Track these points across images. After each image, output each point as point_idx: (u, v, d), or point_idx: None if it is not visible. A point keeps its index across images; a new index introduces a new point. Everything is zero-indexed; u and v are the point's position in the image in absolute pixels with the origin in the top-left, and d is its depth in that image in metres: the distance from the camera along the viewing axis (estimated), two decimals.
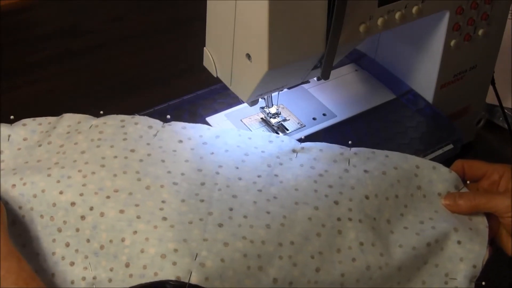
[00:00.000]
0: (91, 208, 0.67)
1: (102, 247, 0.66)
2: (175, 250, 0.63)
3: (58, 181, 0.70)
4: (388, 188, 0.73)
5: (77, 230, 0.68)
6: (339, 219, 0.69)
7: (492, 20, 0.87)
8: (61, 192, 0.69)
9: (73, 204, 0.68)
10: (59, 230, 0.68)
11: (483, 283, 0.69)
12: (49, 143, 0.76)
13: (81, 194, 0.68)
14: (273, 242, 0.66)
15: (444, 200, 0.74)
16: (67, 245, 0.68)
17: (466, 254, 0.71)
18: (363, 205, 0.71)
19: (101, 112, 0.76)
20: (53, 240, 0.68)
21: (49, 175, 0.71)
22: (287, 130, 0.84)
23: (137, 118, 0.76)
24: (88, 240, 0.67)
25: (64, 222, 0.68)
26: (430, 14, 0.80)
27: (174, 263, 0.62)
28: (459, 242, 0.71)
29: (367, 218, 0.71)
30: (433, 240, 0.71)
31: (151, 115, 0.82)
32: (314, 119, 0.87)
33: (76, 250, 0.67)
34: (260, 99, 0.80)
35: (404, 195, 0.74)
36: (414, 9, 0.77)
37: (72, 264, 0.67)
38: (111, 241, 0.65)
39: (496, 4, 0.85)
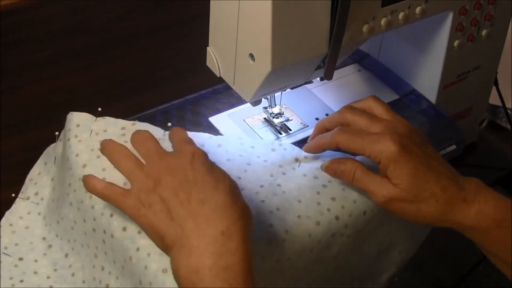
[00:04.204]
0: (104, 232, 0.68)
1: (123, 267, 0.66)
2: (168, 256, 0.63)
3: (78, 209, 0.71)
4: None
5: (106, 253, 0.69)
6: (333, 235, 0.70)
7: (496, 20, 0.87)
8: (84, 220, 0.70)
9: (94, 230, 0.69)
10: (95, 256, 0.70)
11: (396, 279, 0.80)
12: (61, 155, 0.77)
13: (94, 219, 0.69)
14: (273, 258, 0.67)
15: (330, 162, 0.72)
16: (102, 268, 0.69)
17: (399, 259, 0.80)
18: (358, 221, 0.72)
19: (99, 109, 0.76)
20: (93, 266, 0.70)
21: (71, 204, 0.72)
22: (290, 130, 0.84)
23: (138, 125, 0.76)
24: (114, 262, 0.67)
25: (96, 247, 0.70)
26: (434, 14, 0.80)
27: None
28: (399, 252, 0.79)
29: (355, 233, 0.72)
30: (383, 249, 0.77)
31: (154, 115, 0.83)
32: (317, 119, 0.87)
33: (110, 272, 0.68)
34: (263, 99, 0.80)
35: None
36: (418, 10, 0.76)
37: (107, 286, 0.68)
38: (125, 260, 0.66)
39: (499, 4, 0.85)
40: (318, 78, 0.81)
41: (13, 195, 0.81)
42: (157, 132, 0.76)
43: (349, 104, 0.74)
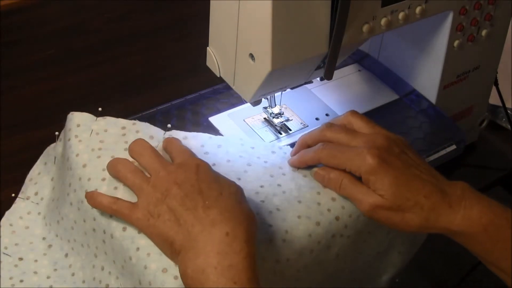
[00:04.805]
0: (104, 232, 0.68)
1: (123, 267, 0.66)
2: (176, 264, 0.63)
3: (79, 209, 0.70)
4: None
5: (106, 253, 0.68)
6: (333, 236, 0.70)
7: (496, 20, 0.87)
8: (84, 220, 0.70)
9: (94, 230, 0.69)
10: (95, 256, 0.70)
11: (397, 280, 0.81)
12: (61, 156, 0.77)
13: (94, 219, 0.69)
14: (272, 258, 0.67)
15: (319, 169, 0.73)
16: (102, 268, 0.69)
17: (399, 260, 0.80)
18: (358, 221, 0.72)
19: (100, 109, 0.76)
20: (93, 266, 0.70)
21: (71, 204, 0.72)
22: (290, 130, 0.84)
23: (138, 125, 0.76)
24: (114, 262, 0.67)
25: (96, 247, 0.70)
26: (434, 14, 0.80)
27: (176, 277, 0.63)
28: (399, 253, 0.79)
29: (355, 233, 0.72)
30: (382, 250, 0.77)
31: (154, 115, 0.83)
32: (317, 119, 0.87)
33: (110, 272, 0.68)
34: (263, 99, 0.80)
35: None
36: (418, 10, 0.76)
37: (107, 286, 0.68)
38: (125, 260, 0.66)
39: (499, 4, 0.85)
40: (318, 78, 0.81)
41: (13, 195, 0.81)
42: (157, 132, 0.76)
43: (329, 121, 0.76)
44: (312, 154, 0.73)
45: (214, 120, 0.85)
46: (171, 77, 1.07)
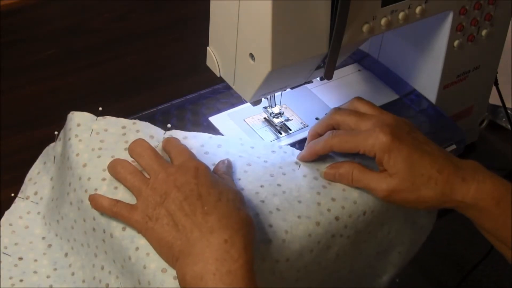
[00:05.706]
0: (104, 231, 0.68)
1: (122, 266, 0.66)
2: (174, 269, 0.64)
3: (78, 208, 0.70)
4: (384, 203, 0.73)
5: (106, 252, 0.68)
6: (333, 236, 0.70)
7: (496, 20, 0.87)
8: (84, 220, 0.70)
9: (94, 229, 0.69)
10: (95, 255, 0.70)
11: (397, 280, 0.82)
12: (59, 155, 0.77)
13: (94, 218, 0.69)
14: (272, 259, 0.67)
15: (327, 168, 0.74)
16: (102, 268, 0.69)
17: (399, 260, 0.80)
18: (358, 221, 0.72)
19: (100, 108, 0.76)
20: (93, 265, 0.70)
21: (71, 203, 0.72)
22: (290, 130, 0.84)
23: (138, 124, 0.76)
24: (114, 261, 0.68)
25: (96, 246, 0.70)
26: (434, 14, 0.80)
27: (175, 277, 0.63)
28: (399, 253, 0.79)
29: (355, 233, 0.72)
30: (382, 250, 0.77)
31: (154, 115, 0.83)
32: (317, 119, 0.86)
33: (109, 272, 0.68)
34: (263, 99, 0.80)
35: (395, 209, 0.75)
36: (418, 9, 0.76)
37: (107, 285, 0.68)
38: (124, 260, 0.66)
39: (499, 4, 0.85)
40: (318, 78, 0.81)
41: (13, 195, 0.81)
42: (157, 132, 0.76)
43: (335, 107, 0.76)
44: (323, 143, 0.73)
45: (214, 120, 0.85)
46: (171, 77, 1.07)
